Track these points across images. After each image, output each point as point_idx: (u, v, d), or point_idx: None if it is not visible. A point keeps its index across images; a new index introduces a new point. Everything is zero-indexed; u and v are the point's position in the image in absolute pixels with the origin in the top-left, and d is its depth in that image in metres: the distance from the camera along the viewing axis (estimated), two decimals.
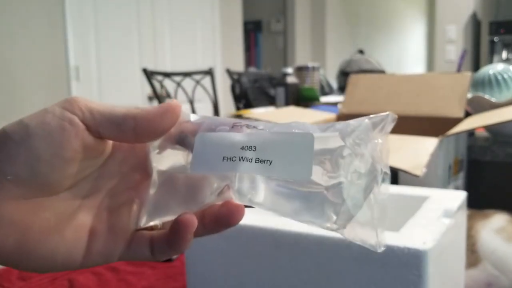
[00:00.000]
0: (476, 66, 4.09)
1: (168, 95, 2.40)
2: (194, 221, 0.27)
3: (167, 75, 2.43)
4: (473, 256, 0.74)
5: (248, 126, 0.29)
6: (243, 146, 0.28)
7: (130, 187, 0.29)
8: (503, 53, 4.10)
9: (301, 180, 0.27)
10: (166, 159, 0.29)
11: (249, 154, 0.28)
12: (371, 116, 0.28)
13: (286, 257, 0.48)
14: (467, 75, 1.09)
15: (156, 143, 0.29)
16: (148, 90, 2.86)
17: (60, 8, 2.48)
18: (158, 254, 0.28)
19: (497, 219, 0.78)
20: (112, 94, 2.78)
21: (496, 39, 4.09)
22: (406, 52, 6.30)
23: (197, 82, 2.49)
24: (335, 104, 1.57)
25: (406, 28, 6.31)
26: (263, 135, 0.28)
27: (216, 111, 2.58)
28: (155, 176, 0.29)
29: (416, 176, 0.67)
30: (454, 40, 4.13)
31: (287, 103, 1.58)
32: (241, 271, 0.51)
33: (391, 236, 0.44)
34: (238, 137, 0.28)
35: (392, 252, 0.43)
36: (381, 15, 5.76)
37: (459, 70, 2.62)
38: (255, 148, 0.28)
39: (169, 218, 0.29)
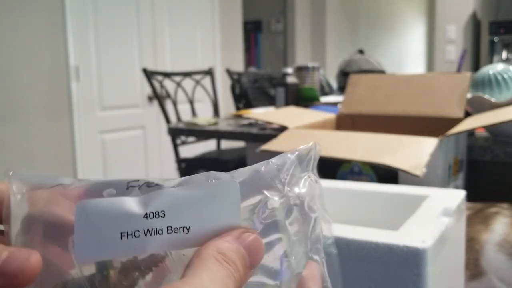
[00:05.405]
0: (476, 66, 4.10)
1: (168, 95, 2.40)
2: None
3: (167, 75, 2.44)
4: (476, 269, 0.73)
5: (149, 185, 0.22)
6: (146, 214, 0.21)
7: None
8: (503, 53, 4.10)
9: None
10: None
11: (157, 223, 0.20)
12: (296, 150, 0.24)
13: None
14: (467, 75, 1.09)
15: None
16: (148, 90, 2.86)
17: (60, 8, 2.48)
18: None
19: (498, 226, 0.76)
20: (112, 94, 2.78)
21: (496, 39, 4.09)
22: (406, 52, 6.30)
23: (197, 82, 2.50)
24: (335, 104, 1.57)
25: (406, 28, 6.31)
26: (170, 193, 0.21)
27: (216, 111, 2.58)
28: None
29: (416, 176, 0.67)
30: (454, 40, 4.13)
31: (287, 103, 1.58)
32: None
33: (390, 235, 0.44)
34: (135, 202, 0.21)
35: (391, 251, 0.43)
36: (381, 15, 5.76)
37: (459, 70, 2.62)
38: (163, 214, 0.21)
39: None
